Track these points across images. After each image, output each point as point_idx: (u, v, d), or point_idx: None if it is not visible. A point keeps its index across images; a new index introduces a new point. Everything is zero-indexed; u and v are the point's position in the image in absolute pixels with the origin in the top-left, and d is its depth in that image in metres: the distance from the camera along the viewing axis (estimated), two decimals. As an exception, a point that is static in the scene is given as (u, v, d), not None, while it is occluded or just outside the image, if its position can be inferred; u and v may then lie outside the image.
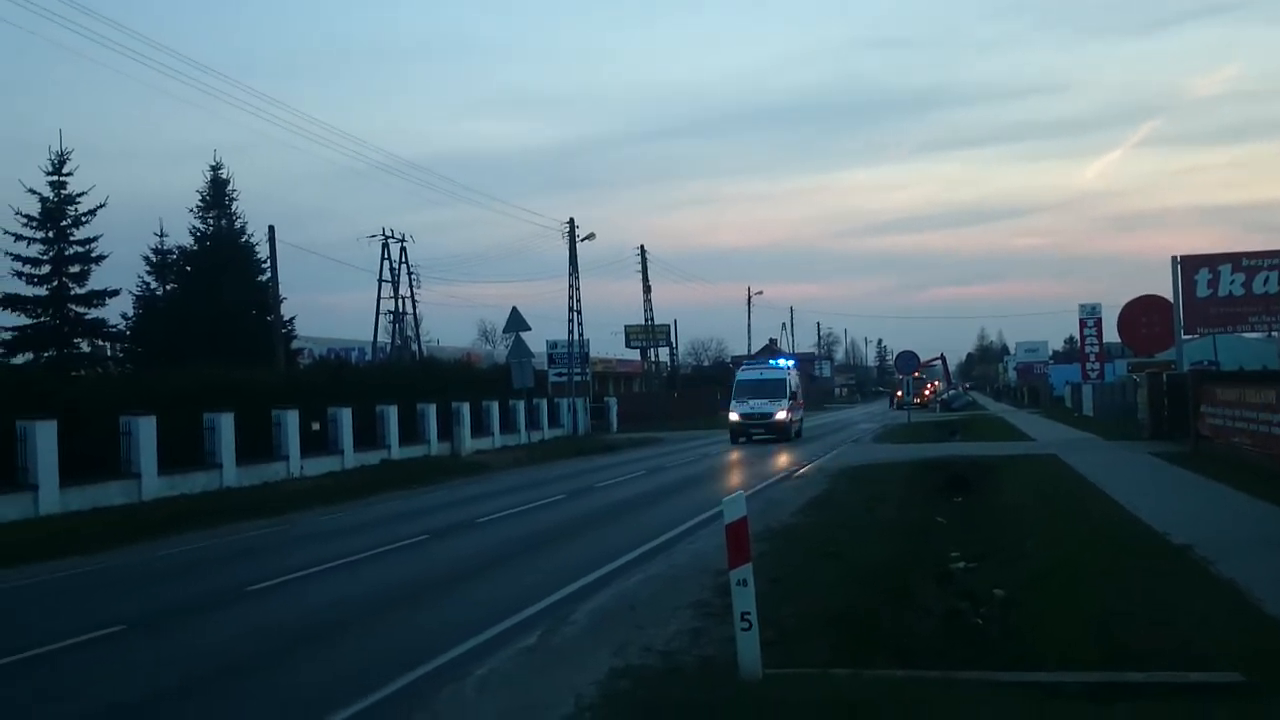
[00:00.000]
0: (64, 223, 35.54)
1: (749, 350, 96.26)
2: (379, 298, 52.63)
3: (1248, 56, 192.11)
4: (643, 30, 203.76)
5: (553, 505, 19.51)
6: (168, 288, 40.31)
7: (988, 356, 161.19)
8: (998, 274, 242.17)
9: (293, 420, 26.73)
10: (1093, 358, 51.67)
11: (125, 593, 12.50)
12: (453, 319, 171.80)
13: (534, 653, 8.18)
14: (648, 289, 67.32)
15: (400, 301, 52.94)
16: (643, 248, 67.06)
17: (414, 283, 53.44)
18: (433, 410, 34.14)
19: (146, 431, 21.71)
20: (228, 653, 8.85)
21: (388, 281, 52.35)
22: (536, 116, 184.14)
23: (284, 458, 26.31)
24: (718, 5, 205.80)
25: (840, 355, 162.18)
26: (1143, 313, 33.59)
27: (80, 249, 35.88)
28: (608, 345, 74.13)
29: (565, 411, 49.13)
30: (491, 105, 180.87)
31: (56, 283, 35.49)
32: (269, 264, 38.66)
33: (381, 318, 53.27)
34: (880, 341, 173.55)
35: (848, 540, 12.43)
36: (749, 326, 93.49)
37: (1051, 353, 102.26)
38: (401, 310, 53.12)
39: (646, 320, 67.55)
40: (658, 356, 72.82)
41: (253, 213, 45.90)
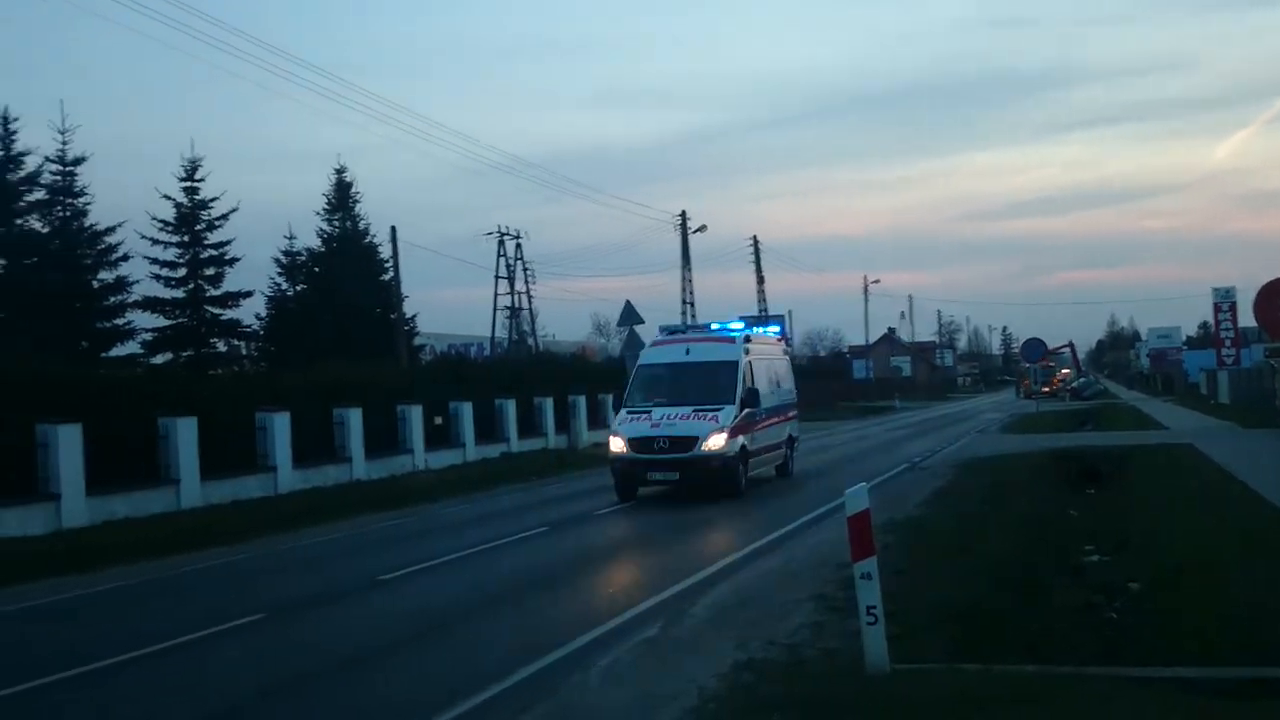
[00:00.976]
0: (198, 227, 36.89)
1: (866, 341, 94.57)
2: (496, 294, 53.86)
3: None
4: (748, 18, 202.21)
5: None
6: (298, 288, 41.58)
7: (1118, 343, 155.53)
8: (1126, 257, 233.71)
9: (417, 415, 27.43)
10: (1228, 343, 49.23)
11: (265, 582, 13.02)
12: (567, 313, 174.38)
13: (653, 645, 8.27)
14: (761, 279, 67.17)
15: (516, 297, 54.03)
16: (755, 238, 66.93)
17: (529, 278, 54.56)
18: (549, 404, 34.55)
19: (281, 427, 22.54)
20: (363, 637, 9.19)
21: (504, 278, 53.54)
22: (640, 108, 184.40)
23: (409, 451, 27.01)
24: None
25: (963, 344, 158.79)
26: None
27: (214, 252, 37.21)
28: (722, 336, 73.78)
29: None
30: (599, 100, 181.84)
31: (193, 285, 36.87)
32: (391, 263, 39.74)
33: (499, 313, 54.38)
34: (1005, 329, 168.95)
35: (975, 532, 12.21)
36: (866, 315, 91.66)
37: (1185, 338, 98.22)
38: (518, 305, 54.19)
39: (760, 311, 67.18)
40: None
41: (375, 214, 47.09)
